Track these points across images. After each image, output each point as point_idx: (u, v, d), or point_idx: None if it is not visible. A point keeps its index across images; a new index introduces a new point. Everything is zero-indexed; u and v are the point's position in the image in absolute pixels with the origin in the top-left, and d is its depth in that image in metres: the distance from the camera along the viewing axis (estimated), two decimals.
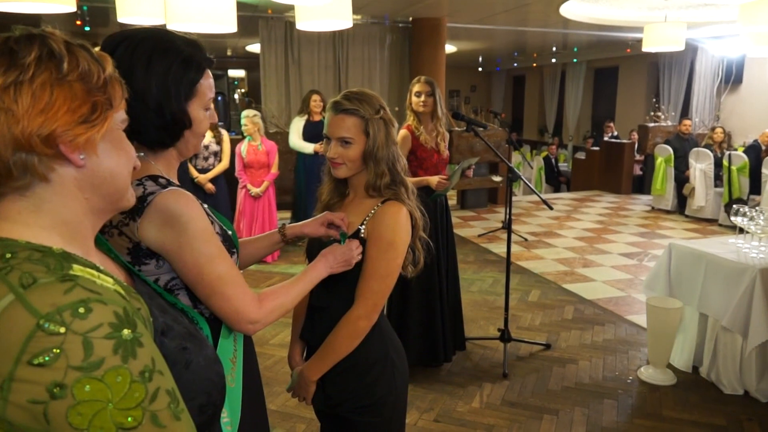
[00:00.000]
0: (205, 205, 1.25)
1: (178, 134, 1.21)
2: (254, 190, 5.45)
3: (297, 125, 5.82)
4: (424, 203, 3.43)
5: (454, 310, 3.53)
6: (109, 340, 0.64)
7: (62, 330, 0.62)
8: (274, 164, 5.56)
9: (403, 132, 3.25)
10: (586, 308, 4.49)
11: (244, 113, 5.60)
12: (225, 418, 1.11)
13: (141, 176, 1.16)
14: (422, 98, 3.29)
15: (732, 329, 3.11)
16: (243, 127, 5.48)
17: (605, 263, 5.71)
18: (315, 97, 5.82)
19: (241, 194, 5.51)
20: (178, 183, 1.26)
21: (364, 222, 1.51)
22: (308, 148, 5.67)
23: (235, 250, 1.26)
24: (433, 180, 3.23)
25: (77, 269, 0.69)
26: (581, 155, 11.31)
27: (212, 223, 1.21)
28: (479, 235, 6.76)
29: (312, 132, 5.72)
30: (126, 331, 0.65)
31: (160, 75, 1.15)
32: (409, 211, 1.54)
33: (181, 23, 3.55)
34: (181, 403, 0.70)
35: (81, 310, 0.63)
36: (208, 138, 5.11)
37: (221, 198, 5.20)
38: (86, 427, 0.61)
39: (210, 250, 1.13)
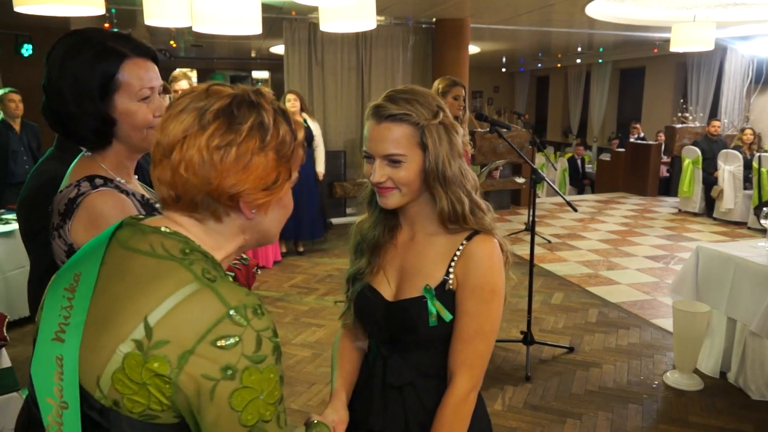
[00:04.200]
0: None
1: (107, 132, 1.17)
2: None
3: None
4: None
5: None
6: (272, 341, 0.75)
7: (245, 323, 0.73)
8: None
9: None
10: (610, 311, 4.43)
11: None
12: None
13: (81, 177, 1.14)
14: (460, 102, 3.28)
15: (761, 334, 3.04)
16: None
17: (630, 266, 5.63)
18: (289, 96, 5.48)
19: None
20: (131, 180, 1.24)
21: (451, 267, 1.17)
22: None
23: None
24: None
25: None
26: (606, 156, 11.15)
27: None
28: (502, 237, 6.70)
29: None
30: (278, 339, 0.77)
31: (70, 75, 1.13)
32: (500, 243, 1.22)
33: (207, 25, 3.59)
34: (285, 412, 0.79)
35: (259, 311, 0.75)
36: None
37: None
38: (241, 409, 0.72)
39: None
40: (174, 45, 11.02)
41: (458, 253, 1.18)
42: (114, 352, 0.72)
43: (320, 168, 5.78)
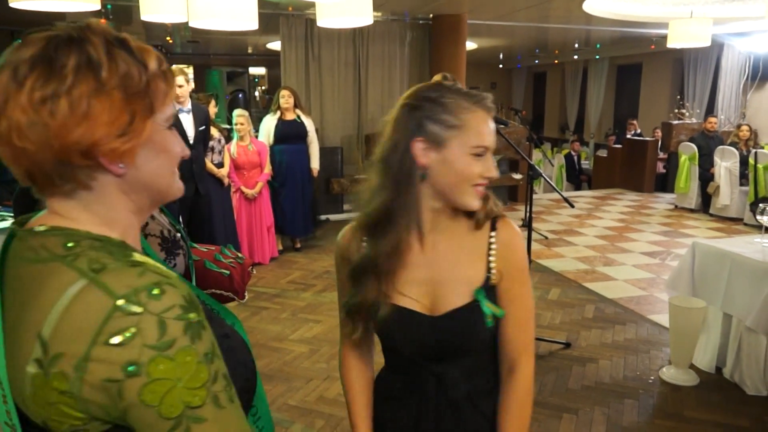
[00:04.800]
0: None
1: None
2: (249, 192, 5.27)
3: (267, 125, 5.52)
4: None
5: None
6: (180, 321, 0.65)
7: (139, 310, 0.64)
8: (267, 164, 5.37)
9: None
10: (606, 307, 4.44)
11: (237, 112, 5.32)
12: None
13: None
14: None
15: (756, 330, 3.06)
16: (238, 126, 5.21)
17: (627, 262, 5.64)
18: (284, 92, 5.50)
19: (234, 198, 5.22)
20: None
21: (491, 263, 1.16)
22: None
23: (180, 251, 1.24)
24: None
25: (137, 257, 0.71)
26: (603, 153, 11.16)
27: (146, 225, 1.18)
28: None
29: (285, 132, 5.46)
30: (193, 315, 0.67)
31: None
32: None
33: (204, 20, 3.59)
34: (233, 387, 0.72)
35: (155, 291, 0.65)
36: (217, 134, 4.94)
37: (224, 197, 4.98)
38: (157, 404, 0.64)
39: None
40: (170, 41, 10.98)
41: (493, 245, 1.16)
42: (24, 375, 0.66)
43: (315, 164, 5.76)
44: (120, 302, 0.64)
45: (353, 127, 7.70)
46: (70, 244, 0.69)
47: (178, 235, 1.42)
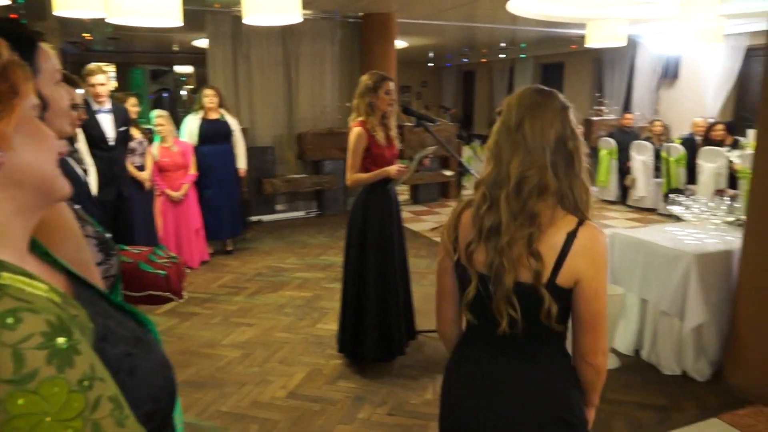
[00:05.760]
0: (77, 206, 1.21)
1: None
2: (174, 195, 5.09)
3: (190, 125, 5.39)
4: (381, 198, 3.46)
5: (406, 303, 3.57)
6: (42, 350, 0.60)
7: None
8: (192, 164, 5.21)
9: (358, 130, 3.22)
10: None
11: (156, 113, 5.14)
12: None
13: None
14: (391, 96, 3.29)
15: (670, 313, 3.26)
16: (158, 128, 5.02)
17: None
18: (208, 91, 5.44)
19: (159, 201, 5.03)
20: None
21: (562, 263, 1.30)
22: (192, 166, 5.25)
23: (114, 252, 1.23)
24: (392, 169, 3.25)
25: (6, 277, 0.65)
26: None
27: (83, 226, 1.17)
28: (431, 229, 6.83)
29: (209, 132, 5.36)
30: (60, 340, 0.62)
31: None
32: None
33: (123, 17, 3.45)
34: (126, 409, 0.68)
35: (9, 320, 0.60)
36: (139, 135, 4.77)
37: (146, 201, 4.79)
38: None
39: None
40: (89, 37, 10.48)
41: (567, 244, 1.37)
42: None
43: (241, 164, 5.66)
44: None
45: (285, 127, 7.61)
46: None
47: (108, 235, 1.37)
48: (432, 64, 16.60)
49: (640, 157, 8.05)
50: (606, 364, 1.41)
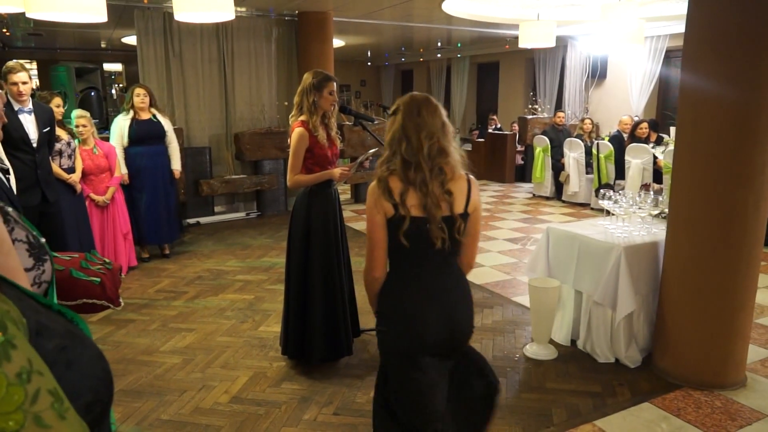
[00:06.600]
0: (10, 209, 1.17)
1: None
2: (99, 199, 4.83)
3: (120, 125, 5.16)
4: (324, 198, 3.43)
5: (350, 302, 3.56)
6: None
7: None
8: (117, 167, 4.98)
9: (299, 130, 3.17)
10: (476, 293, 4.65)
11: (76, 113, 4.82)
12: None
13: None
14: (334, 96, 3.26)
15: (602, 303, 3.40)
16: (79, 129, 4.73)
17: (492, 249, 6.01)
18: (138, 91, 5.22)
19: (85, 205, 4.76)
20: None
21: (469, 200, 1.93)
22: (122, 166, 5.07)
23: (47, 257, 1.19)
24: (336, 172, 3.24)
25: None
26: (468, 147, 11.78)
27: (12, 230, 1.13)
28: None
29: (141, 133, 5.18)
30: None
31: None
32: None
33: (42, 12, 3.28)
34: (65, 402, 0.68)
35: None
36: (66, 136, 4.53)
37: (77, 205, 4.57)
38: None
39: None
40: (8, 33, 9.89)
41: (470, 190, 2.00)
42: None
43: (176, 165, 5.49)
44: None
45: (221, 126, 7.44)
46: None
47: (42, 240, 1.31)
48: (370, 63, 16.66)
49: (573, 154, 8.36)
50: None
